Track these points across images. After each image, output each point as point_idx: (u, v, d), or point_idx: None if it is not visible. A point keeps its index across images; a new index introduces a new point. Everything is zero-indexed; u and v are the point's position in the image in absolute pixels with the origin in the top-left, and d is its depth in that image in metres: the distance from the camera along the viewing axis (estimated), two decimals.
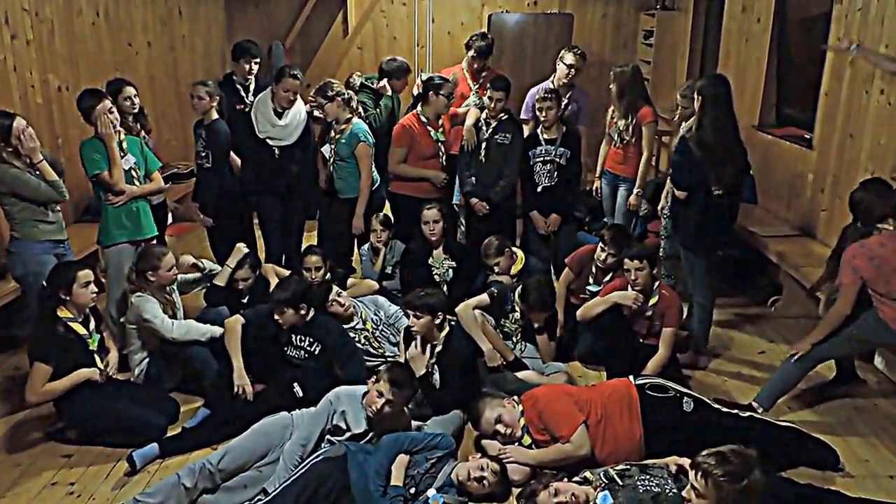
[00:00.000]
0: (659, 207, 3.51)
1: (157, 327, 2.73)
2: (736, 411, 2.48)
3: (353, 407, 2.36)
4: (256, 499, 2.10)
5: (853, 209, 2.60)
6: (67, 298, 2.47)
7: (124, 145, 2.94)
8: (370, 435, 2.36)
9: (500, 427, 2.40)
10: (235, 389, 2.62)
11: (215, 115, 3.42)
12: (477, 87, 3.93)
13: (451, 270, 3.38)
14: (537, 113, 3.45)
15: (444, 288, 3.34)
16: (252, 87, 3.86)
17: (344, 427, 2.34)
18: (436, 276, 3.38)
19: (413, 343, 2.66)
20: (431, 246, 3.40)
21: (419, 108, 3.60)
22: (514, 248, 3.46)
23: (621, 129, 3.63)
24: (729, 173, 2.79)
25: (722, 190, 2.80)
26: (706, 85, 2.80)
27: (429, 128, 3.55)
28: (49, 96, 3.63)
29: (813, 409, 2.79)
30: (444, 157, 3.61)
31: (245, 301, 3.17)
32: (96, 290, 2.53)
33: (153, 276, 2.82)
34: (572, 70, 3.76)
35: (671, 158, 3.00)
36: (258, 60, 3.86)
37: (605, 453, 2.35)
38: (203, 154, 3.48)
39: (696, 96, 2.81)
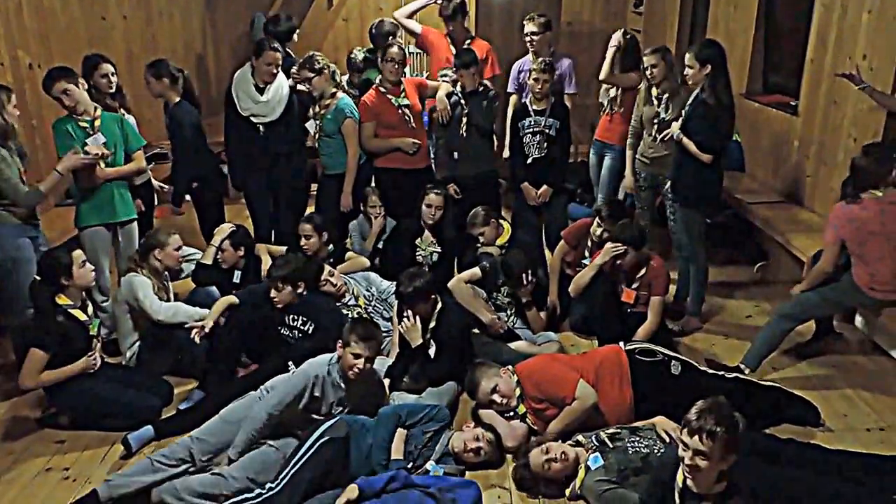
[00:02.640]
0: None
1: (146, 308, 2.71)
2: (722, 373, 2.56)
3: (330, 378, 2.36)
4: (268, 487, 2.08)
5: (851, 172, 2.59)
6: (68, 283, 2.43)
7: (97, 124, 2.85)
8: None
9: (496, 397, 2.44)
10: (192, 334, 2.61)
11: (176, 98, 3.34)
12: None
13: (434, 255, 3.38)
14: (532, 83, 3.41)
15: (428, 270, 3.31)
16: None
17: (319, 396, 2.33)
18: (419, 258, 3.37)
19: (406, 316, 2.70)
20: (423, 227, 3.39)
21: (378, 79, 3.58)
22: (501, 220, 3.47)
23: (612, 96, 3.64)
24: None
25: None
26: (712, 51, 2.83)
27: (389, 96, 3.51)
28: (20, 75, 3.49)
29: (796, 368, 2.88)
30: (411, 121, 3.54)
31: (237, 281, 3.16)
32: (93, 268, 2.51)
33: (161, 254, 2.81)
34: (531, 37, 3.74)
35: (689, 124, 2.93)
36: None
37: (597, 417, 2.41)
38: (174, 140, 3.41)
39: (699, 63, 2.82)
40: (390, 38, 3.91)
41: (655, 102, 3.21)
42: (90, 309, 2.55)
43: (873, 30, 3.09)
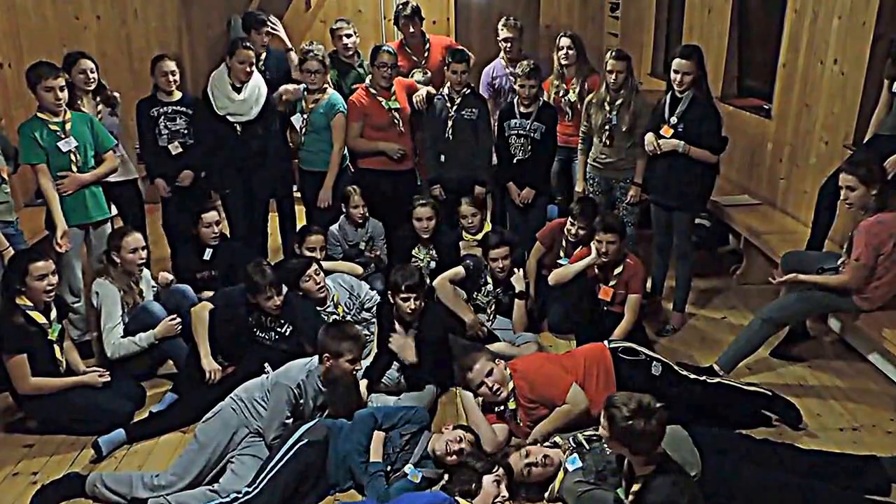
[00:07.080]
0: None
1: (103, 336, 2.67)
2: (704, 377, 2.53)
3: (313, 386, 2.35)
4: (244, 491, 2.05)
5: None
6: (24, 290, 2.41)
7: (68, 126, 2.80)
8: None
9: (488, 380, 2.37)
10: (207, 376, 2.58)
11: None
12: (423, 60, 3.91)
13: (432, 263, 3.32)
14: (519, 89, 3.37)
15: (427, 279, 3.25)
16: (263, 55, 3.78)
17: (302, 403, 2.31)
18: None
19: (397, 332, 2.67)
20: (417, 237, 3.33)
21: (368, 79, 3.55)
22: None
23: (573, 100, 3.62)
24: None
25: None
26: (700, 54, 2.88)
27: (379, 98, 3.48)
28: None
29: (771, 369, 2.91)
30: (400, 125, 3.52)
31: (207, 258, 3.13)
32: (53, 282, 2.46)
33: (117, 257, 2.76)
34: (509, 43, 3.72)
35: (692, 129, 2.92)
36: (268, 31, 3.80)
37: (585, 416, 2.38)
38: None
39: (698, 68, 2.86)
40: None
41: (607, 108, 3.23)
42: (53, 313, 2.50)
43: (843, 34, 3.15)
